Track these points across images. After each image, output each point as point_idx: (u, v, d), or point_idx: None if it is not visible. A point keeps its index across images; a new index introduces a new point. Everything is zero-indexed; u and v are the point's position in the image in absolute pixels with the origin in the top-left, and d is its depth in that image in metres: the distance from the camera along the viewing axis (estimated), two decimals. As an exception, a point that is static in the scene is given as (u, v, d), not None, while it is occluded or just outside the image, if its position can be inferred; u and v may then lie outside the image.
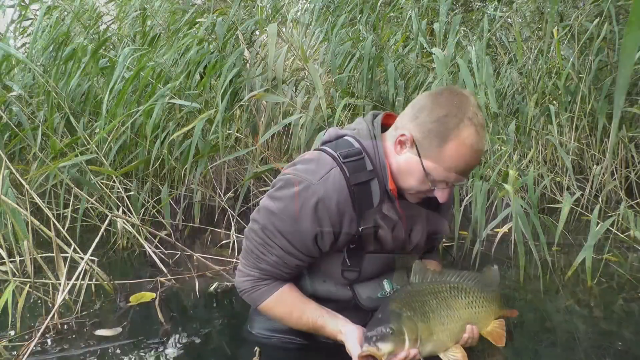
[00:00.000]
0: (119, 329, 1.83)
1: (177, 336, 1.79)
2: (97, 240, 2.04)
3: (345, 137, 1.46)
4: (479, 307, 1.50)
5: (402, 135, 1.36)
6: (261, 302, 1.49)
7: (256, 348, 1.54)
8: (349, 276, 1.49)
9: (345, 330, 1.42)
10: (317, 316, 1.46)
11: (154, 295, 2.12)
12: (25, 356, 1.54)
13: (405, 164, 1.38)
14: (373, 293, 1.51)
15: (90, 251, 1.99)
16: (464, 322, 1.45)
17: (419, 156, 1.34)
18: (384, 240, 1.46)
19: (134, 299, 2.10)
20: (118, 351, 1.68)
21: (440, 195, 1.38)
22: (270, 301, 1.48)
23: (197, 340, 1.75)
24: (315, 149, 1.51)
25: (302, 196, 1.33)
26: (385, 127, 1.50)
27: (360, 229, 1.40)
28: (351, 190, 1.35)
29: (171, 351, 1.67)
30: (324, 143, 1.51)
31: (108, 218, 2.19)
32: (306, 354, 1.60)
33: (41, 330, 1.68)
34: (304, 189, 1.34)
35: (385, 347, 1.29)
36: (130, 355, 1.65)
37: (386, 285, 1.52)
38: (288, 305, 1.48)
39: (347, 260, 1.47)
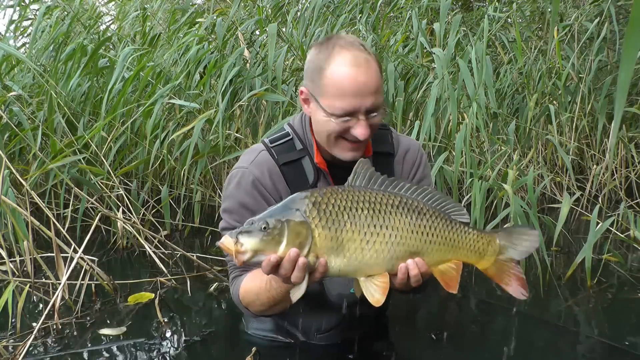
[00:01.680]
0: (124, 328, 1.83)
1: (177, 336, 1.80)
2: (89, 234, 2.05)
3: (282, 126, 1.56)
4: (433, 236, 1.19)
5: (301, 93, 1.41)
6: (238, 291, 1.48)
7: (253, 348, 1.54)
8: None
9: None
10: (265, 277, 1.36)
11: (151, 295, 2.13)
12: (22, 355, 1.54)
13: (314, 116, 1.40)
14: (344, 289, 1.46)
15: (82, 247, 1.98)
16: (405, 249, 1.17)
17: (315, 100, 1.35)
18: None
19: (132, 299, 2.10)
20: (118, 351, 1.68)
21: (358, 132, 1.33)
22: (244, 282, 1.47)
23: (197, 340, 1.75)
24: None
25: (242, 182, 1.45)
26: None
27: None
28: (281, 170, 1.45)
29: (171, 350, 1.67)
30: None
31: (99, 214, 2.19)
32: (300, 353, 1.60)
33: (36, 328, 1.68)
34: (241, 175, 1.46)
35: (247, 243, 1.06)
36: (130, 355, 1.65)
37: None
38: (254, 277, 1.45)
39: None
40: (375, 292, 1.13)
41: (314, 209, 1.12)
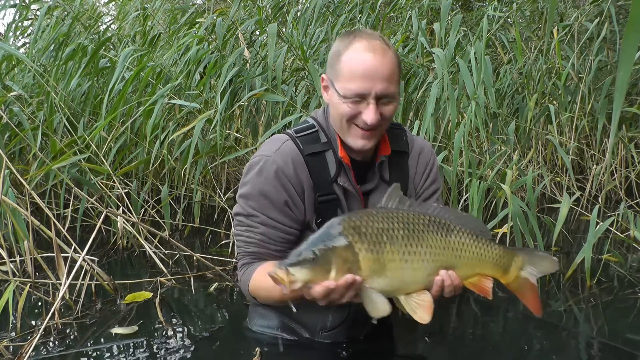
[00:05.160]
0: (135, 327, 1.83)
1: (177, 336, 1.80)
2: (93, 236, 2.03)
3: (305, 119, 1.59)
4: (462, 251, 1.27)
5: (322, 80, 1.49)
6: (249, 280, 1.50)
7: (257, 349, 1.54)
8: None
9: None
10: None
11: (148, 295, 2.13)
12: (28, 354, 1.54)
13: (331, 101, 1.46)
14: None
15: (86, 249, 1.98)
16: (438, 265, 1.24)
17: (332, 84, 1.42)
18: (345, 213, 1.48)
19: (130, 298, 2.10)
20: (120, 350, 1.68)
21: (366, 116, 1.38)
22: (255, 275, 1.49)
23: (197, 340, 1.75)
24: None
25: (264, 170, 1.45)
26: None
27: (317, 195, 1.47)
28: (306, 160, 1.46)
29: (171, 350, 1.67)
30: None
31: (103, 214, 2.19)
32: (304, 350, 1.60)
33: (41, 328, 1.68)
34: (264, 163, 1.46)
35: (298, 274, 1.09)
36: (132, 354, 1.65)
37: None
38: (268, 278, 1.45)
39: None
40: (419, 311, 1.19)
41: (356, 233, 1.15)
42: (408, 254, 1.19)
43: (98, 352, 1.66)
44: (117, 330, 1.81)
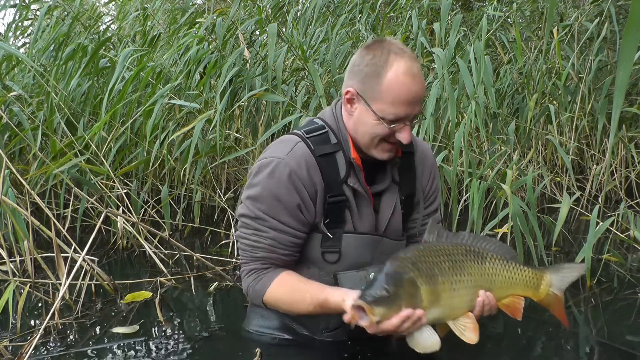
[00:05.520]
0: (137, 327, 1.83)
1: (179, 334, 1.80)
2: (93, 236, 2.03)
3: (312, 119, 1.58)
4: (496, 276, 1.39)
5: (346, 92, 1.45)
6: (265, 291, 1.49)
7: (257, 349, 1.54)
8: (330, 258, 1.50)
9: (348, 297, 1.34)
10: (320, 291, 1.41)
11: (148, 294, 2.13)
12: (28, 354, 1.54)
13: (359, 117, 1.44)
14: (358, 285, 1.43)
15: (86, 249, 1.98)
16: (477, 290, 1.36)
17: (366, 102, 1.41)
18: (354, 214, 1.49)
19: (129, 298, 2.10)
20: (120, 350, 1.68)
21: (402, 136, 1.41)
22: (273, 287, 1.48)
23: (197, 340, 1.75)
24: None
25: (276, 173, 1.42)
26: None
27: (327, 196, 1.46)
28: (317, 162, 1.45)
29: (171, 350, 1.67)
30: None
31: (103, 214, 2.18)
32: (305, 350, 1.60)
33: (41, 328, 1.69)
34: (276, 165, 1.43)
35: (377, 310, 1.20)
36: (132, 354, 1.65)
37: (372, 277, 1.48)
38: (291, 288, 1.48)
39: (325, 238, 1.49)
40: (467, 332, 1.32)
41: (415, 269, 1.26)
42: (455, 283, 1.31)
43: (98, 352, 1.66)
44: (118, 329, 1.81)
